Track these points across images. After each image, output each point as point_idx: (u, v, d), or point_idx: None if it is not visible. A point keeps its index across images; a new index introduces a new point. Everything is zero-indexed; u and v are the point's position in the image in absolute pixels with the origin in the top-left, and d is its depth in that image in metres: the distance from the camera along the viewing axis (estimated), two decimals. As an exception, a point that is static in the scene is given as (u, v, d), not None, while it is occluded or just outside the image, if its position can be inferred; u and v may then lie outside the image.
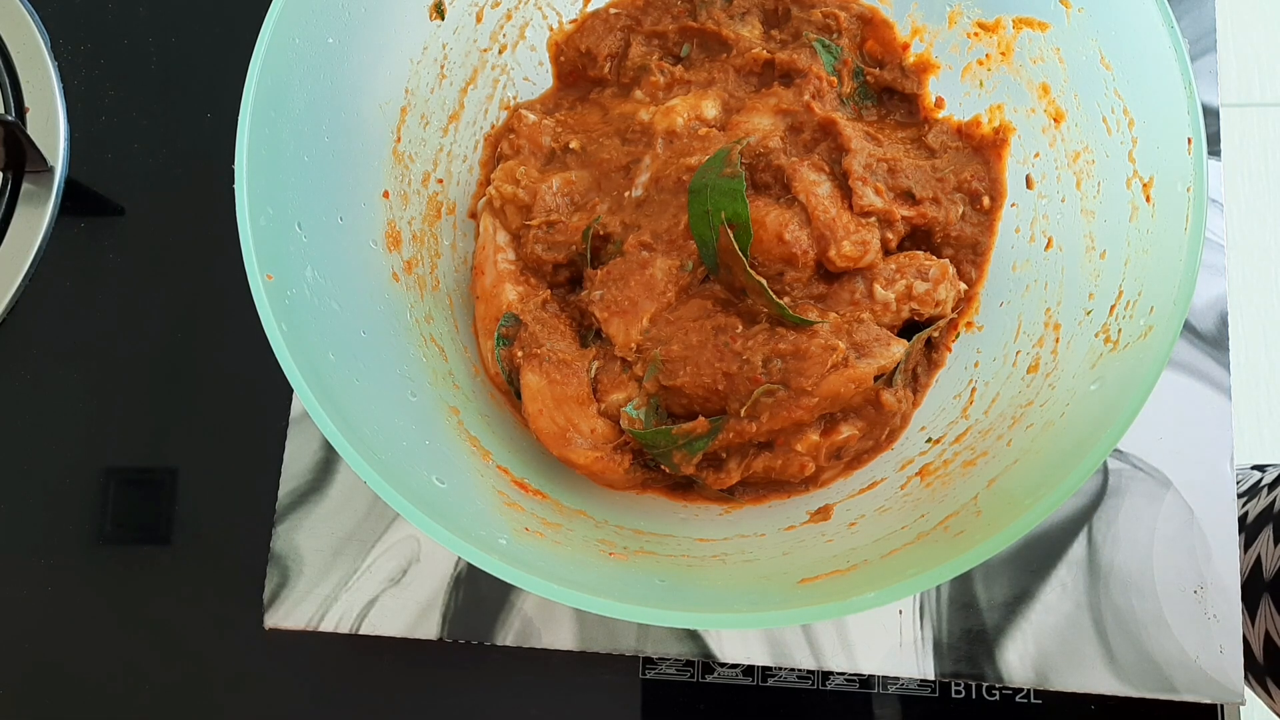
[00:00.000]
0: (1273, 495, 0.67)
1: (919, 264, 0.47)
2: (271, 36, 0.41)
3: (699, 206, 0.46)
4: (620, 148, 0.51)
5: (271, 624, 0.52)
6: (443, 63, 0.51)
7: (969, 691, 0.51)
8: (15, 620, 0.56)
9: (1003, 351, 0.46)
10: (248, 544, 0.54)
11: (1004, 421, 0.42)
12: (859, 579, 0.35)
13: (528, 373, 0.46)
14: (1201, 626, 0.49)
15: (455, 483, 0.41)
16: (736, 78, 0.52)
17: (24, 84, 0.64)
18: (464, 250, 0.53)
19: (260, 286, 0.38)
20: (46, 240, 0.61)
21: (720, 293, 0.47)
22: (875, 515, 0.43)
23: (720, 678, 0.52)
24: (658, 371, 0.45)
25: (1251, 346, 1.43)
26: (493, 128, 0.54)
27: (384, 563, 0.52)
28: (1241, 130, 1.19)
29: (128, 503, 0.57)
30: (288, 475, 0.54)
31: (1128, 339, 0.38)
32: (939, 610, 0.50)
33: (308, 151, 0.43)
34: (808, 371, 0.43)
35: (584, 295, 0.49)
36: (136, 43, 0.65)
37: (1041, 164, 0.48)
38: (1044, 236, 0.47)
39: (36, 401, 0.59)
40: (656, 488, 0.48)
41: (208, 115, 0.63)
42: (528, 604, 0.52)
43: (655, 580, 0.39)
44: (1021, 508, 0.34)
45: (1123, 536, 0.51)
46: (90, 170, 0.63)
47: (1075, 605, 0.50)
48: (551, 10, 0.54)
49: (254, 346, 0.41)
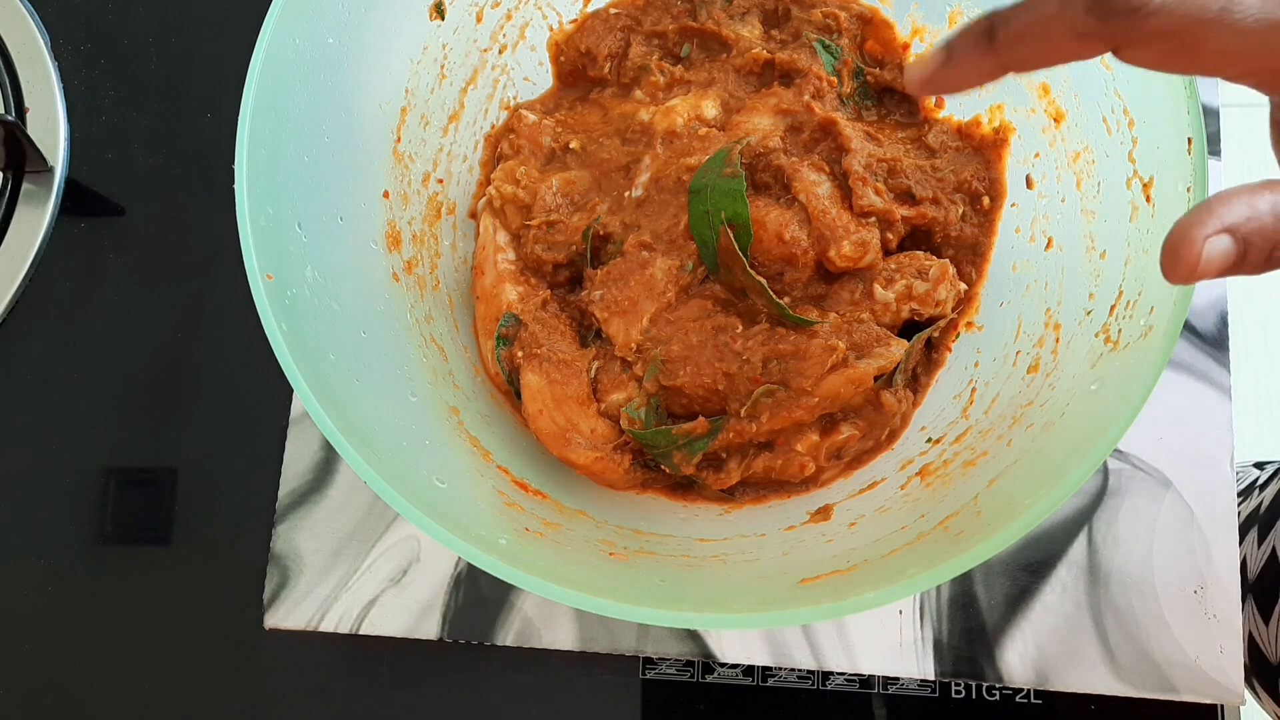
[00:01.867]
0: (1261, 496, 0.67)
1: (919, 264, 0.47)
2: (271, 36, 0.41)
3: (699, 206, 0.46)
4: (620, 148, 0.51)
5: (271, 624, 0.52)
6: (443, 63, 0.51)
7: (969, 691, 0.51)
8: (15, 620, 0.56)
9: (1003, 351, 0.46)
10: (248, 544, 0.54)
11: (1004, 421, 0.42)
12: (859, 579, 0.35)
13: (528, 373, 0.46)
14: (1201, 626, 0.49)
15: (455, 483, 0.41)
16: (736, 78, 0.52)
17: (24, 84, 0.64)
18: (464, 250, 0.53)
19: (260, 286, 0.38)
20: (46, 240, 0.61)
21: (720, 293, 0.47)
22: (875, 515, 0.43)
23: (720, 678, 0.52)
24: (658, 371, 0.45)
25: (1251, 346, 1.43)
26: (493, 128, 0.54)
27: (384, 563, 0.52)
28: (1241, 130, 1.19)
29: (128, 503, 0.57)
30: (288, 475, 0.54)
31: (1128, 339, 0.38)
32: (939, 610, 0.50)
33: (308, 151, 0.43)
34: (808, 372, 0.43)
35: (584, 295, 0.49)
36: (136, 43, 0.65)
37: (1041, 164, 0.48)
38: (1044, 236, 0.47)
39: (36, 401, 0.59)
40: (656, 488, 0.48)
41: (208, 115, 0.63)
42: (528, 604, 0.52)
43: (655, 580, 0.39)
44: (1021, 508, 0.34)
45: (1123, 536, 0.51)
46: (90, 170, 0.63)
47: (1075, 605, 0.50)
48: (551, 10, 0.54)
49: (254, 346, 0.41)
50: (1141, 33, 0.26)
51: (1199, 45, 0.26)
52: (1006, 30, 0.28)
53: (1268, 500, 0.66)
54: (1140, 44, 0.26)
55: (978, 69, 0.29)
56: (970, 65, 0.29)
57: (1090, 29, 0.26)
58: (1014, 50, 0.28)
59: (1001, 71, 0.29)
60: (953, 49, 0.29)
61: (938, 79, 0.30)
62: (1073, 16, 0.26)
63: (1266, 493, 0.67)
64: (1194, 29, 0.26)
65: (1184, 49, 0.26)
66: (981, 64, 0.29)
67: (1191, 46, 0.26)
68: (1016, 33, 0.28)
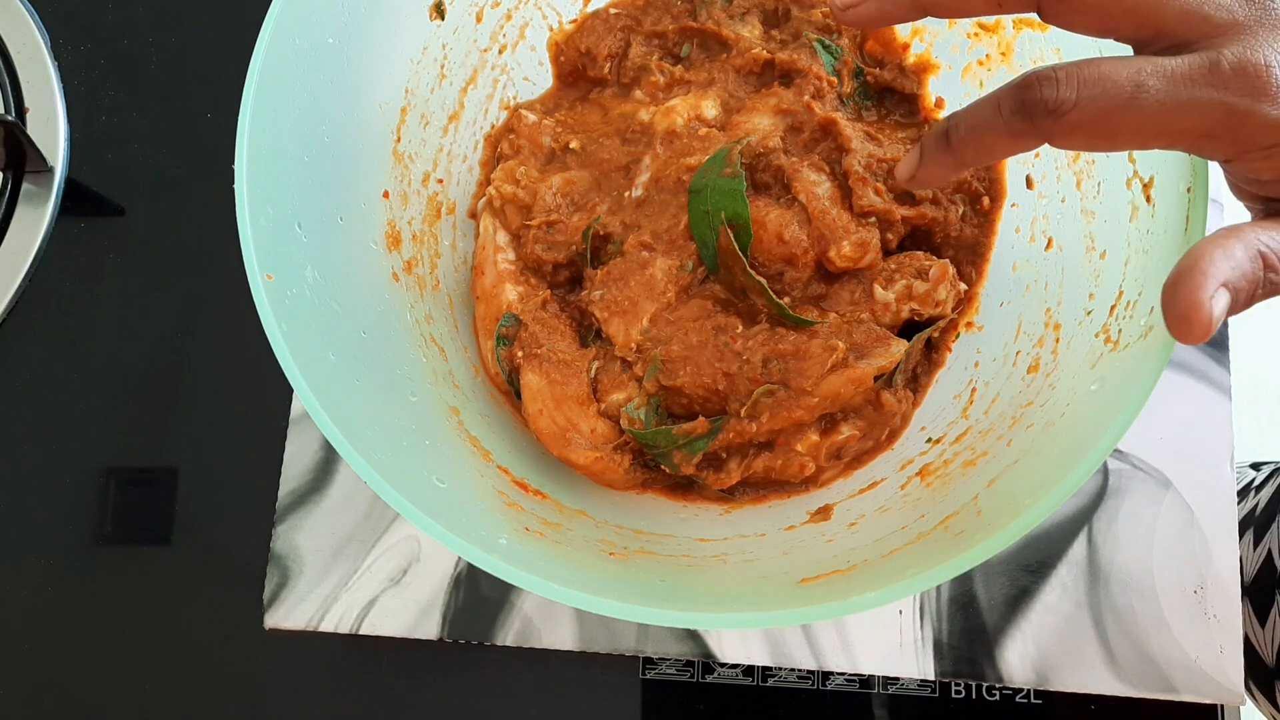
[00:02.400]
0: (1257, 498, 0.67)
1: (919, 264, 0.47)
2: (271, 36, 0.41)
3: (699, 206, 0.46)
4: (620, 148, 0.51)
5: (271, 624, 0.52)
6: (443, 63, 0.51)
7: (969, 691, 0.51)
8: (15, 620, 0.56)
9: (1003, 351, 0.46)
10: (248, 544, 0.54)
11: (1004, 422, 0.42)
12: (859, 579, 0.35)
13: (528, 373, 0.46)
14: (1201, 626, 0.49)
15: (455, 483, 0.41)
16: (736, 78, 0.52)
17: (24, 84, 0.64)
18: (464, 250, 0.53)
19: (260, 286, 0.38)
20: (46, 240, 0.61)
21: (720, 293, 0.47)
22: (875, 515, 0.43)
23: (720, 678, 0.52)
24: (658, 371, 0.45)
25: (1251, 346, 1.43)
26: (493, 128, 0.54)
27: (384, 563, 0.52)
28: (1241, 130, 1.19)
29: (128, 503, 0.57)
30: (288, 475, 0.54)
31: (1128, 339, 0.38)
32: (939, 610, 0.50)
33: (308, 151, 0.43)
34: (808, 372, 0.43)
35: (584, 295, 0.49)
36: (136, 43, 0.65)
37: (1041, 164, 0.48)
38: (1044, 236, 0.47)
39: (36, 401, 0.59)
40: (656, 488, 0.48)
41: (208, 115, 0.63)
42: (528, 604, 0.52)
43: (655, 580, 0.39)
44: (1021, 508, 0.34)
45: (1123, 536, 0.51)
46: (90, 170, 0.63)
47: (1075, 605, 0.50)
48: (551, 10, 0.54)
49: (254, 346, 0.41)
50: (1063, 128, 0.29)
51: (1118, 130, 0.29)
52: (956, 134, 0.33)
53: (1263, 502, 0.66)
54: (1065, 136, 0.30)
55: (943, 166, 0.34)
56: (935, 164, 0.34)
57: (1020, 129, 0.30)
58: (965, 150, 0.33)
59: (962, 167, 0.34)
60: (923, 150, 0.35)
61: (919, 176, 0.35)
62: (1005, 120, 0.30)
63: (1262, 494, 0.67)
64: (1109, 119, 0.29)
65: (1105, 135, 0.29)
66: (945, 161, 0.34)
67: (1112, 133, 0.29)
68: (964, 136, 0.32)
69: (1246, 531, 0.65)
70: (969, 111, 0.32)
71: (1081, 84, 0.29)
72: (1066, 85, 0.29)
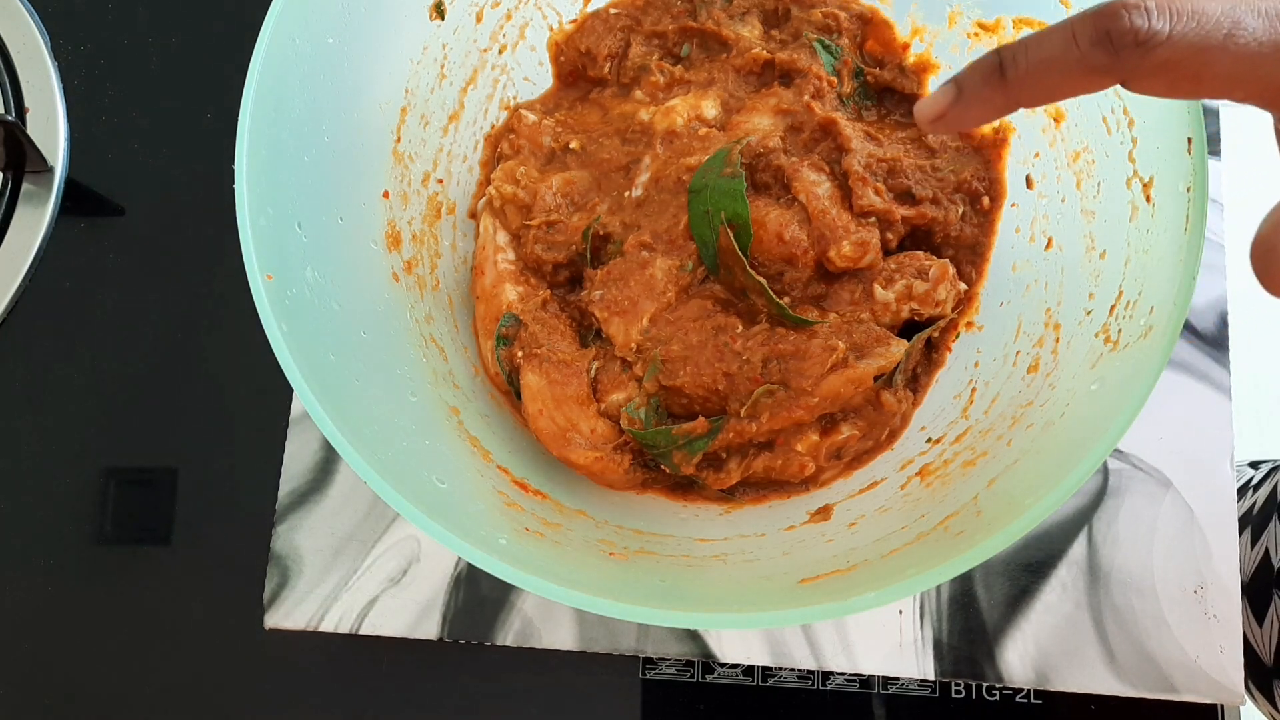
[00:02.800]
0: (1255, 497, 0.67)
1: (919, 264, 0.47)
2: (271, 36, 0.41)
3: (699, 206, 0.46)
4: (620, 148, 0.51)
5: (271, 624, 0.52)
6: (443, 63, 0.51)
7: (969, 691, 0.51)
8: (15, 620, 0.56)
9: (1003, 351, 0.46)
10: (248, 544, 0.54)
11: (1004, 421, 0.42)
12: (859, 579, 0.35)
13: (528, 373, 0.46)
14: (1201, 626, 0.49)
15: (455, 483, 0.41)
16: (736, 78, 0.52)
17: (24, 84, 0.64)
18: (464, 250, 0.53)
19: (260, 286, 0.38)
20: (46, 240, 0.61)
21: (720, 293, 0.47)
22: (875, 515, 0.43)
23: (720, 678, 0.52)
24: (658, 371, 0.45)
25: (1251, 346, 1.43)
26: (493, 128, 0.54)
27: (384, 563, 0.52)
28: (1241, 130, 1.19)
29: (128, 503, 0.57)
30: (288, 475, 0.54)
31: (1128, 339, 0.38)
32: (939, 610, 0.50)
33: (308, 151, 0.43)
34: (808, 372, 0.43)
35: (584, 295, 0.49)
36: (136, 43, 0.65)
37: (1041, 164, 0.48)
38: (1044, 236, 0.47)
39: (36, 401, 0.59)
40: (656, 488, 0.48)
41: (208, 115, 0.63)
42: (528, 604, 0.52)
43: (655, 580, 0.39)
44: (1021, 508, 0.34)
45: (1123, 536, 0.51)
46: (90, 170, 0.63)
47: (1075, 605, 0.50)
48: (551, 10, 0.54)
49: (254, 346, 0.41)
50: (1150, 64, 0.26)
51: (1206, 72, 0.26)
52: (1015, 68, 0.28)
53: (1260, 500, 0.66)
54: (1149, 75, 0.27)
55: (989, 105, 0.29)
56: (981, 102, 0.29)
57: (1099, 64, 0.27)
58: (1024, 87, 0.28)
59: (1013, 107, 0.29)
60: (962, 86, 0.30)
61: (949, 116, 0.30)
62: (1082, 52, 0.27)
63: (1259, 493, 0.67)
64: (1200, 56, 0.26)
65: (1191, 76, 0.27)
66: (993, 100, 0.29)
67: (1199, 74, 0.26)
68: (1025, 70, 0.28)
69: (1244, 530, 0.65)
70: (1032, 42, 0.28)
71: (1175, 15, 0.26)
72: (1159, 15, 0.26)
